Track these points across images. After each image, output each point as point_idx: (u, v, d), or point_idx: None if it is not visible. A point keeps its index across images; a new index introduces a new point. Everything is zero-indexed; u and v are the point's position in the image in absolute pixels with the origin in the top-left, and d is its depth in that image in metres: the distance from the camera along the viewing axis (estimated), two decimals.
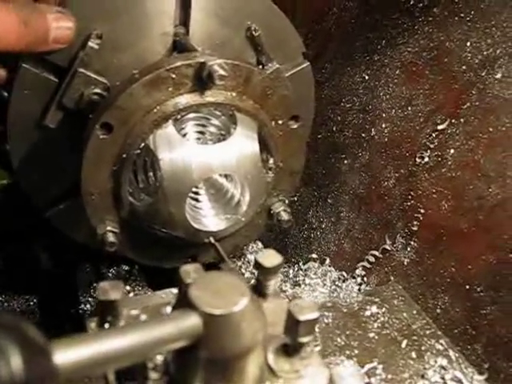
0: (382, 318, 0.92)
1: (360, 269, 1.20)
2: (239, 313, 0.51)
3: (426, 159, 1.13)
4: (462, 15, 1.13)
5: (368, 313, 0.93)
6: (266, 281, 0.66)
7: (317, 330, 0.90)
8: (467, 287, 1.01)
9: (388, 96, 1.24)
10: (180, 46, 0.89)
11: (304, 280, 1.22)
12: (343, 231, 1.28)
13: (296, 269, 1.29)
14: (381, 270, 1.17)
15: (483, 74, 1.07)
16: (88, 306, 1.01)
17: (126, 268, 1.09)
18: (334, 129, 1.35)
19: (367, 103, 1.29)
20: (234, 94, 0.85)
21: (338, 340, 0.88)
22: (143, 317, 0.62)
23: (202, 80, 0.81)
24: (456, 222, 1.05)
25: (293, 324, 0.59)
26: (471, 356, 0.96)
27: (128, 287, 1.04)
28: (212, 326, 0.50)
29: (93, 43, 0.83)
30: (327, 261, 1.27)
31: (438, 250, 1.07)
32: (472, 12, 1.11)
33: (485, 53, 1.08)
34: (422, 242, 1.10)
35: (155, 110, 0.82)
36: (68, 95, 0.85)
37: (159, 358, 0.59)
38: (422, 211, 1.11)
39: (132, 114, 0.81)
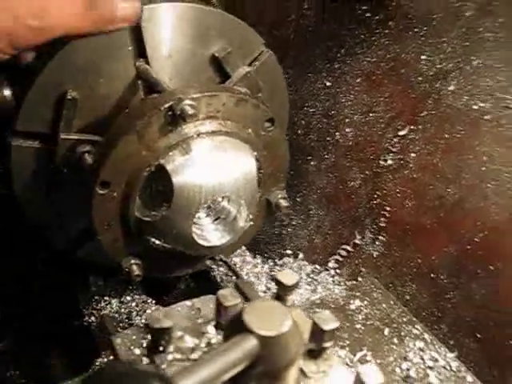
0: (365, 310, 1.05)
1: (333, 262, 1.33)
2: (287, 332, 0.61)
3: (389, 162, 1.25)
4: (416, 30, 1.25)
5: (353, 306, 1.06)
6: (286, 296, 0.76)
7: None
8: (432, 276, 1.15)
9: (350, 102, 1.35)
10: (146, 83, 0.95)
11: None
12: (314, 227, 1.40)
13: (271, 264, 1.39)
14: (352, 262, 1.30)
15: (437, 85, 1.20)
16: (92, 318, 1.07)
17: (123, 279, 1.15)
18: (299, 132, 1.45)
19: (330, 109, 1.39)
20: (218, 122, 0.93)
21: None
22: (187, 338, 0.71)
23: (175, 118, 0.88)
24: (419, 219, 1.19)
25: (318, 332, 0.70)
26: (439, 335, 1.10)
27: (128, 297, 1.11)
28: (266, 346, 0.60)
29: (70, 108, 0.91)
30: (300, 255, 1.39)
31: (404, 244, 1.21)
32: (425, 28, 1.23)
33: (438, 66, 1.21)
34: (390, 237, 1.24)
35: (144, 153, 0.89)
36: (59, 161, 0.94)
37: None
38: (388, 209, 1.24)
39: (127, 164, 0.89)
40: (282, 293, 0.76)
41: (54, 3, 0.75)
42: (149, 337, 0.81)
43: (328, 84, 1.40)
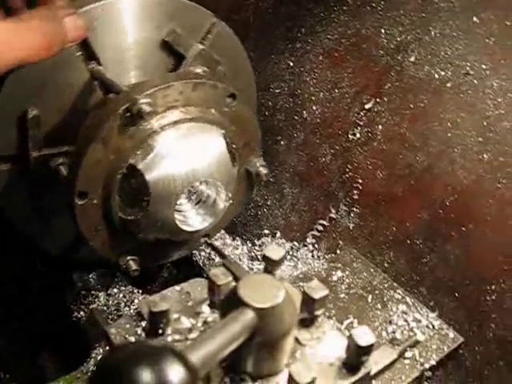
0: (347, 280, 1.09)
1: (310, 237, 1.35)
2: (281, 303, 0.64)
3: (358, 135, 1.29)
4: (374, 5, 1.28)
5: (335, 277, 1.09)
6: (274, 270, 0.79)
7: None
8: (408, 242, 1.19)
9: (315, 80, 1.38)
10: (103, 84, 0.96)
11: (261, 254, 1.35)
12: (289, 206, 1.42)
13: (250, 245, 1.41)
14: (329, 236, 1.33)
15: (399, 57, 1.23)
16: (82, 312, 1.08)
17: (107, 272, 1.16)
18: (267, 113, 1.47)
19: (295, 88, 1.42)
20: (179, 110, 0.94)
21: None
22: (184, 319, 0.73)
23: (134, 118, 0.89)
24: (391, 188, 1.22)
25: (309, 302, 0.73)
26: (419, 297, 1.15)
27: (115, 290, 1.12)
28: (263, 317, 0.63)
29: (34, 126, 0.92)
30: (278, 234, 1.41)
31: (378, 214, 1.24)
32: (382, 2, 1.27)
33: (398, 39, 1.24)
34: (364, 208, 1.27)
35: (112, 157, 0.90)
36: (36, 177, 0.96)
37: None
38: (360, 181, 1.27)
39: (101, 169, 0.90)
40: (270, 267, 0.78)
41: (8, 45, 0.73)
42: (142, 324, 0.83)
43: (291, 64, 1.43)
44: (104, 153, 0.88)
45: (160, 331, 0.70)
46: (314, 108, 1.37)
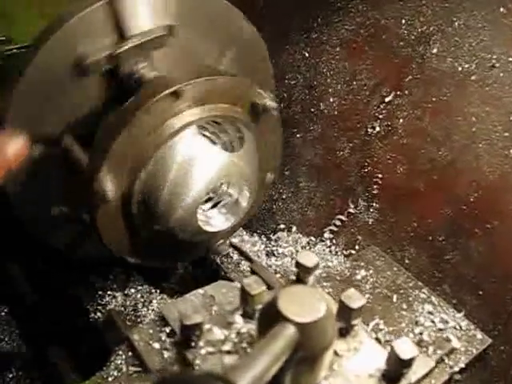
0: (371, 279, 1.06)
1: (328, 232, 1.33)
2: (323, 317, 0.61)
3: (378, 129, 1.26)
4: None
5: (359, 277, 1.07)
6: (307, 278, 0.76)
7: None
8: (430, 238, 1.17)
9: (332, 72, 1.35)
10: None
11: (277, 250, 1.33)
12: (305, 200, 1.39)
13: (265, 239, 1.39)
14: (348, 231, 1.31)
15: (420, 49, 1.20)
16: (99, 313, 1.06)
17: (123, 271, 1.13)
18: (282, 105, 1.43)
19: (312, 79, 1.38)
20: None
21: None
22: (216, 330, 0.70)
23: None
24: (412, 183, 1.20)
25: (346, 311, 0.70)
26: (441, 295, 1.13)
27: (132, 290, 1.10)
28: (305, 332, 0.60)
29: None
30: (294, 229, 1.39)
31: (398, 209, 1.22)
32: None
33: (419, 30, 1.21)
34: (383, 203, 1.25)
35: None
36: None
37: None
38: (380, 176, 1.25)
39: None
40: (303, 274, 0.76)
41: None
42: (166, 330, 0.81)
43: (307, 55, 1.39)
44: (114, 225, 0.91)
45: (192, 344, 0.67)
46: (332, 100, 1.34)
